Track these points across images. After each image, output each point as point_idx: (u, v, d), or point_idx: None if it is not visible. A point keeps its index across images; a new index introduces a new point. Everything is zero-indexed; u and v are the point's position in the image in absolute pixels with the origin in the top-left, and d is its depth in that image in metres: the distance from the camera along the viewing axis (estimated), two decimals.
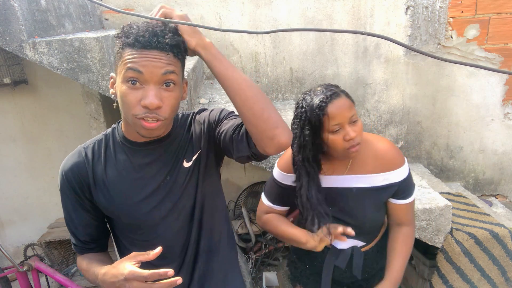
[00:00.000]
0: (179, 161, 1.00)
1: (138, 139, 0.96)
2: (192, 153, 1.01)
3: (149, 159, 0.97)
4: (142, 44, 0.81)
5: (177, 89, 0.88)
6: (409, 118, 2.77)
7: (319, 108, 1.11)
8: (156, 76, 0.82)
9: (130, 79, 0.83)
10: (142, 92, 0.83)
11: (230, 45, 2.56)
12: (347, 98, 1.15)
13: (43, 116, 2.83)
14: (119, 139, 0.99)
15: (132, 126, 0.89)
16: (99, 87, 1.62)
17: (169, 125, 0.99)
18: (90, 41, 1.56)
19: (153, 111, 0.83)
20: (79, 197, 0.98)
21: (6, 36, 1.52)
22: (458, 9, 2.54)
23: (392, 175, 1.22)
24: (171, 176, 0.98)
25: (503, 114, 2.76)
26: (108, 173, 0.97)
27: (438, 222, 1.84)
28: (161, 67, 0.82)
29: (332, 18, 2.54)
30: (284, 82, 2.67)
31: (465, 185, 2.91)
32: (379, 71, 2.65)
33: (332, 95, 1.12)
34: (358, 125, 1.14)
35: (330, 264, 1.32)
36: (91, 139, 1.03)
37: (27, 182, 2.95)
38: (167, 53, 0.83)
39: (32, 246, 2.38)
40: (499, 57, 2.63)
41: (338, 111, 1.11)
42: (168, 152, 0.99)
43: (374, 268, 1.35)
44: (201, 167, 1.01)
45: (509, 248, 1.91)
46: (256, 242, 2.64)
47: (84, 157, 0.98)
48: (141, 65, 0.81)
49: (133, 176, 0.97)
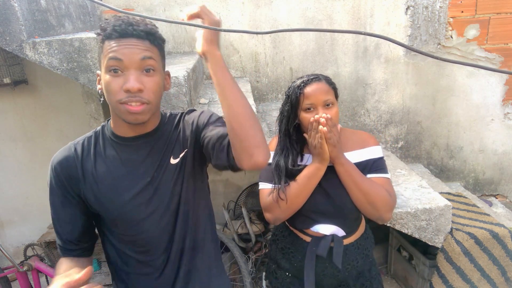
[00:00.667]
0: (166, 158, 1.02)
1: (126, 134, 1.00)
2: (179, 151, 1.04)
3: (137, 154, 1.00)
4: (119, 33, 0.87)
5: (157, 74, 0.93)
6: (409, 118, 2.77)
7: (298, 87, 1.28)
8: (135, 62, 0.87)
9: (111, 68, 0.88)
10: (123, 78, 0.88)
11: (230, 45, 2.56)
12: (327, 84, 1.28)
13: (43, 116, 2.83)
14: (108, 135, 1.02)
15: (118, 114, 0.92)
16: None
17: (155, 118, 1.02)
18: (90, 41, 1.56)
19: (136, 95, 0.88)
20: (67, 191, 1.00)
21: (6, 36, 1.52)
22: (458, 9, 2.54)
23: (368, 151, 1.34)
24: (158, 172, 1.01)
25: (503, 114, 2.76)
26: (97, 168, 0.99)
27: (438, 222, 1.84)
28: (138, 53, 0.88)
29: (332, 18, 2.54)
30: (284, 82, 2.67)
31: (465, 185, 2.91)
32: (379, 71, 2.65)
33: (313, 79, 1.28)
34: (331, 110, 1.26)
35: (311, 254, 1.35)
36: (81, 136, 1.07)
37: (27, 182, 2.95)
38: (143, 40, 0.89)
39: (32, 246, 2.38)
40: (499, 57, 2.63)
41: (313, 92, 1.25)
42: (156, 148, 1.02)
43: (354, 266, 1.37)
44: (187, 165, 1.04)
45: (509, 248, 1.91)
46: (256, 242, 2.64)
47: (74, 152, 1.01)
48: (120, 53, 0.86)
49: (122, 172, 0.99)
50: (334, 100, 1.29)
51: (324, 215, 1.32)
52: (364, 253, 1.40)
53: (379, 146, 1.37)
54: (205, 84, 2.45)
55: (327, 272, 1.36)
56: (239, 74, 2.64)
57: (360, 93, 2.70)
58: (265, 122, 2.20)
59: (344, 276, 1.37)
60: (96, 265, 2.93)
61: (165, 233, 1.05)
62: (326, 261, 1.34)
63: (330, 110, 1.26)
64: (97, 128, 1.06)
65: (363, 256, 1.40)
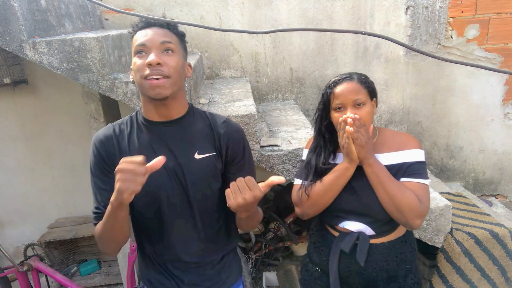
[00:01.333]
0: (191, 151, 1.13)
1: (154, 118, 1.12)
2: (206, 150, 1.14)
3: (162, 139, 1.12)
4: (145, 24, 1.07)
5: (176, 55, 1.07)
6: (409, 118, 2.77)
7: (329, 87, 1.29)
8: (156, 44, 1.04)
9: (138, 51, 1.05)
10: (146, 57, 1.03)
11: (230, 45, 2.56)
12: (359, 83, 1.26)
13: (43, 116, 2.83)
14: (140, 119, 1.15)
15: (144, 92, 1.06)
16: (99, 87, 1.62)
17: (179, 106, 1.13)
18: (90, 41, 1.56)
19: (156, 68, 1.02)
20: (106, 164, 1.11)
21: (6, 36, 1.52)
22: (458, 9, 2.54)
23: (405, 154, 1.28)
24: (181, 160, 1.11)
25: (503, 114, 2.76)
26: (130, 147, 1.12)
27: (438, 222, 1.84)
28: (159, 38, 1.05)
29: (332, 18, 2.54)
30: (284, 82, 2.67)
31: (465, 185, 2.91)
32: (379, 71, 2.65)
33: (345, 78, 1.27)
34: (362, 109, 1.24)
35: (336, 248, 1.35)
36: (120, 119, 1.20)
37: (27, 182, 2.95)
38: (164, 28, 1.07)
39: (32, 246, 2.38)
40: (499, 57, 2.63)
41: (343, 92, 1.25)
42: (180, 137, 1.13)
43: (383, 267, 1.33)
44: (209, 165, 1.14)
45: (509, 248, 1.91)
46: (256, 242, 2.64)
47: (112, 131, 1.14)
48: (144, 39, 1.04)
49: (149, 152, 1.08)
50: (366, 99, 1.26)
51: (352, 213, 1.31)
52: (398, 256, 1.35)
53: (420, 149, 1.29)
54: (205, 84, 2.45)
55: (352, 268, 1.34)
56: (239, 74, 2.64)
57: None
58: (265, 122, 2.20)
59: (372, 277, 1.34)
60: (96, 265, 2.93)
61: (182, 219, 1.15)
62: (352, 258, 1.33)
63: (360, 110, 1.24)
64: (132, 113, 1.20)
65: (397, 259, 1.34)
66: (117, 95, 1.65)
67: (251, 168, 1.23)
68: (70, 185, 2.96)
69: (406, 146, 1.30)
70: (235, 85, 2.38)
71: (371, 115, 1.28)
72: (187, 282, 1.19)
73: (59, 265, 2.84)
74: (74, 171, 2.93)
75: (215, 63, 2.61)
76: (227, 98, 2.03)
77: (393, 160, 1.29)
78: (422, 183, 1.25)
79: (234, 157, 1.17)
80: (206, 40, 2.50)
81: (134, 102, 1.66)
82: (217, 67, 2.62)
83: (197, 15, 2.47)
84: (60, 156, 2.91)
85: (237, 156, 1.17)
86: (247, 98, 2.01)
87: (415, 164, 1.27)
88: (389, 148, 1.32)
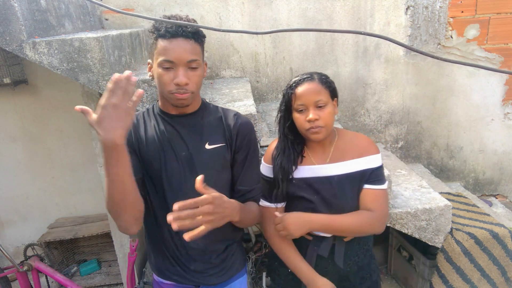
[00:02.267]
0: (203, 141, 1.19)
1: (171, 111, 1.19)
2: (216, 141, 1.20)
3: (177, 130, 1.18)
4: (171, 34, 1.06)
5: (200, 69, 1.13)
6: (409, 118, 2.77)
7: (290, 87, 1.28)
8: (183, 62, 1.08)
9: (163, 66, 1.08)
10: (173, 73, 1.08)
11: (230, 45, 2.56)
12: (320, 84, 1.25)
13: (43, 116, 2.83)
14: (157, 111, 1.22)
15: (167, 99, 1.13)
16: (99, 87, 1.62)
17: (196, 101, 1.20)
18: (90, 41, 1.56)
19: (183, 87, 1.08)
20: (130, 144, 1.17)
21: (6, 36, 1.52)
22: (458, 9, 2.54)
23: (366, 161, 1.31)
24: (193, 150, 1.17)
25: (503, 114, 2.76)
26: (147, 135, 1.19)
27: (438, 222, 1.84)
28: (186, 56, 1.07)
29: (332, 18, 2.54)
30: (284, 82, 2.67)
31: (465, 185, 2.91)
32: (379, 71, 2.65)
33: (306, 78, 1.27)
34: (324, 110, 1.24)
35: (312, 253, 1.35)
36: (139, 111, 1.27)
37: (27, 182, 2.95)
38: (189, 39, 1.08)
39: (32, 246, 2.38)
40: (499, 57, 2.63)
41: (304, 92, 1.24)
42: (193, 128, 1.19)
43: (354, 261, 1.38)
44: (218, 155, 1.20)
45: (509, 248, 1.91)
46: (256, 242, 2.64)
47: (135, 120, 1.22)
48: (172, 56, 1.06)
49: (163, 141, 1.17)
50: (328, 100, 1.25)
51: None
52: (364, 248, 1.41)
53: (378, 154, 1.34)
54: (205, 84, 2.45)
55: (329, 269, 1.37)
56: (239, 74, 2.64)
57: (360, 93, 2.70)
58: (265, 122, 2.20)
59: (346, 271, 1.38)
60: (96, 265, 2.93)
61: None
62: (328, 259, 1.35)
63: (321, 111, 1.24)
64: (148, 106, 1.27)
65: (364, 251, 1.41)
66: None
67: (256, 161, 1.27)
68: (70, 185, 2.96)
69: (366, 151, 1.32)
70: (235, 85, 2.38)
71: (333, 115, 1.27)
72: (193, 269, 1.24)
73: (59, 265, 2.84)
74: (74, 171, 2.93)
75: (215, 63, 2.61)
76: (227, 98, 2.03)
77: (355, 167, 1.31)
78: (382, 189, 1.32)
79: (240, 147, 1.22)
80: (206, 40, 2.49)
81: None
82: (217, 67, 2.62)
83: (197, 15, 2.47)
84: (60, 156, 2.91)
85: (243, 147, 1.22)
86: (247, 98, 2.01)
87: (375, 170, 1.32)
88: (351, 154, 1.33)
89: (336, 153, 1.34)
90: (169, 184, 1.17)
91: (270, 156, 1.37)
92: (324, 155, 1.35)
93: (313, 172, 1.33)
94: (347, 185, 1.31)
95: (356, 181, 1.31)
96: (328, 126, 1.25)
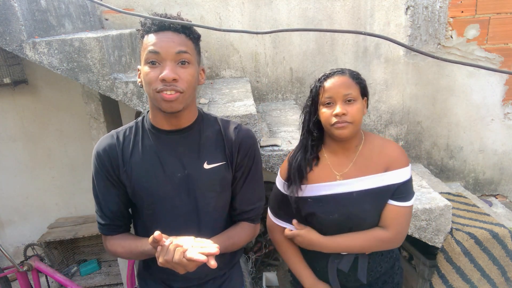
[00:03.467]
0: (201, 160, 1.07)
1: (163, 126, 1.05)
2: (216, 160, 1.08)
3: (171, 148, 1.06)
4: (158, 27, 0.95)
5: (192, 67, 0.98)
6: (409, 118, 2.77)
7: (319, 80, 1.21)
8: (171, 54, 0.94)
9: (150, 60, 0.95)
10: (160, 69, 0.94)
11: (230, 45, 2.56)
12: (350, 78, 1.18)
13: (43, 116, 2.83)
14: (147, 126, 1.08)
15: (155, 103, 0.98)
16: (99, 87, 1.62)
17: (191, 111, 1.06)
18: (90, 41, 1.56)
19: (171, 84, 0.93)
20: (110, 175, 1.05)
21: (6, 36, 1.52)
22: (458, 9, 2.53)
23: (395, 175, 1.21)
24: (189, 170, 1.05)
25: (503, 114, 2.76)
26: (134, 156, 1.06)
27: (438, 222, 1.84)
28: (174, 46, 0.94)
29: (332, 18, 2.54)
30: (284, 82, 2.67)
31: (465, 185, 2.91)
32: (379, 71, 2.65)
33: (336, 72, 1.20)
34: (353, 106, 1.16)
35: (333, 268, 1.29)
36: (124, 125, 1.13)
37: (27, 182, 2.95)
38: (179, 33, 0.96)
39: (32, 246, 2.38)
40: (499, 57, 2.63)
41: (333, 85, 1.17)
42: (190, 146, 1.07)
43: (378, 271, 1.32)
44: (219, 175, 1.09)
45: (509, 248, 1.91)
46: (256, 242, 2.64)
47: (116, 139, 1.07)
48: (158, 46, 0.94)
49: (156, 162, 1.05)
50: (358, 96, 1.17)
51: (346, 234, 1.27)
52: (388, 256, 1.35)
53: (408, 166, 1.23)
54: (205, 84, 2.45)
55: (350, 279, 1.32)
56: (239, 74, 2.64)
57: None
58: (265, 122, 2.20)
59: (369, 282, 1.33)
60: (96, 265, 2.93)
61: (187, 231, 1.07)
62: (350, 273, 1.30)
63: (350, 106, 1.15)
64: (138, 119, 1.12)
65: (388, 259, 1.35)
66: (117, 95, 1.65)
67: (257, 178, 1.16)
68: (70, 185, 2.96)
69: (395, 164, 1.21)
70: (235, 85, 2.38)
71: (362, 113, 1.19)
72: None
73: (59, 265, 2.84)
74: (74, 171, 2.93)
75: (215, 63, 2.61)
76: (227, 98, 2.03)
77: (379, 182, 1.21)
78: (407, 206, 1.22)
79: (241, 164, 1.11)
80: (206, 40, 2.50)
81: (134, 102, 1.66)
82: (217, 67, 2.62)
83: (197, 15, 2.47)
84: (60, 156, 2.91)
85: (244, 164, 1.11)
86: (247, 98, 2.01)
87: (402, 185, 1.21)
88: (377, 165, 1.22)
89: (360, 160, 1.24)
90: (163, 208, 1.06)
91: (283, 171, 1.30)
92: (347, 160, 1.25)
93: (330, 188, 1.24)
94: (367, 202, 1.21)
95: (379, 197, 1.22)
96: (355, 123, 1.17)
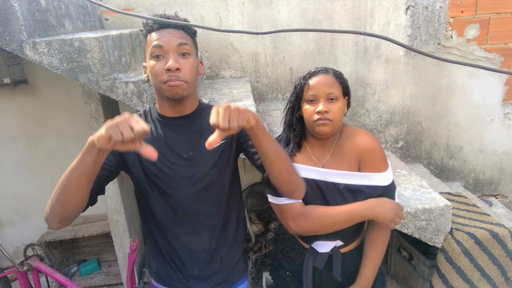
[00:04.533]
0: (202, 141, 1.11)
1: (169, 114, 1.17)
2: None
3: (177, 133, 1.17)
4: (159, 25, 1.09)
5: (192, 58, 1.11)
6: (409, 118, 2.77)
7: (304, 77, 1.28)
8: (173, 47, 1.06)
9: (155, 54, 1.07)
10: (164, 61, 1.06)
11: (230, 45, 2.56)
12: (334, 78, 1.24)
13: (43, 116, 2.83)
14: (154, 115, 1.20)
15: (162, 92, 1.09)
16: (99, 87, 1.62)
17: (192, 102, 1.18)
18: (90, 41, 1.56)
19: (175, 74, 1.05)
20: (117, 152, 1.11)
21: (6, 36, 1.52)
22: (458, 9, 2.54)
23: (379, 177, 1.25)
24: (195, 153, 1.16)
25: (503, 114, 2.76)
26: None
27: (438, 222, 1.84)
28: (175, 40, 1.07)
29: (332, 18, 2.54)
30: (284, 82, 2.67)
31: (465, 185, 2.91)
32: (379, 71, 2.65)
33: (320, 71, 1.26)
34: (335, 104, 1.22)
35: (308, 265, 1.32)
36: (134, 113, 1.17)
37: (27, 182, 2.95)
38: (178, 30, 1.09)
39: (32, 246, 2.38)
40: (499, 57, 2.63)
41: (317, 83, 1.23)
42: (193, 130, 1.18)
43: (352, 271, 1.35)
44: (224, 153, 1.20)
45: (509, 248, 1.91)
46: (256, 242, 2.64)
47: None
48: (161, 41, 1.06)
49: (164, 146, 1.15)
50: (340, 95, 1.23)
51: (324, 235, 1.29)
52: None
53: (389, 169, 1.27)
54: (205, 84, 2.45)
55: (324, 278, 1.35)
56: (239, 74, 2.64)
57: (360, 93, 2.70)
58: (265, 122, 2.20)
59: (343, 281, 1.35)
60: (96, 265, 2.93)
61: (194, 208, 1.19)
62: (324, 270, 1.33)
63: (332, 104, 1.21)
64: (146, 108, 1.25)
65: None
66: (117, 95, 1.65)
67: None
68: None
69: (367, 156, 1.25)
70: (235, 85, 2.37)
71: (343, 112, 1.25)
72: (196, 276, 1.23)
73: (59, 265, 2.84)
74: None
75: (215, 63, 2.61)
76: (227, 98, 2.03)
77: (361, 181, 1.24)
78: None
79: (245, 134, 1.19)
80: (206, 40, 2.50)
81: (134, 102, 1.66)
82: (217, 67, 2.62)
83: (197, 15, 2.47)
84: (60, 156, 2.91)
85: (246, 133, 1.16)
86: (247, 98, 2.01)
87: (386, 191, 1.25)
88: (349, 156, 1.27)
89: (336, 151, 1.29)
90: (172, 189, 1.16)
91: None
92: (326, 152, 1.30)
93: (312, 173, 1.28)
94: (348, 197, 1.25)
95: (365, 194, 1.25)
96: (336, 121, 1.22)
